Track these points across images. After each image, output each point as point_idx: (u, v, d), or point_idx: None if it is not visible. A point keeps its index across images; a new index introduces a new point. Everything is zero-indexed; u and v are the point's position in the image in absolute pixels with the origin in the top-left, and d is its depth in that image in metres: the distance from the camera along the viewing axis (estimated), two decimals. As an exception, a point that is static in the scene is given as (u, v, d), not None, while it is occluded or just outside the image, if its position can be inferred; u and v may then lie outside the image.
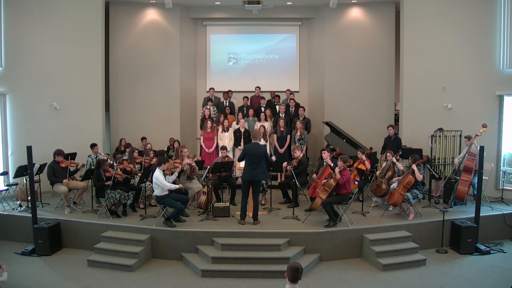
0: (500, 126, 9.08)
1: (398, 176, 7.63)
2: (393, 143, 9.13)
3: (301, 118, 9.73)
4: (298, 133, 9.30)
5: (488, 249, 7.12)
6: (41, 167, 8.29)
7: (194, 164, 8.06)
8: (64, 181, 7.90)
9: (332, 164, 7.46)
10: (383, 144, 9.52)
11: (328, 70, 11.26)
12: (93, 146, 8.77)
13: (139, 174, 7.92)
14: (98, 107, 10.06)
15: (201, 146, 9.74)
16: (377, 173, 8.17)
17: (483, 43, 9.12)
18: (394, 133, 9.42)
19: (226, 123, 9.62)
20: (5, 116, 9.24)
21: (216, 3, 11.12)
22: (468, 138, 8.14)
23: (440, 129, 8.77)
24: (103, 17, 10.14)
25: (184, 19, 11.49)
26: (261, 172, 7.03)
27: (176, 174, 7.45)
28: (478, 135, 8.00)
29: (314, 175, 7.86)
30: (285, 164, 8.01)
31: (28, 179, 7.58)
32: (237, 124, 9.67)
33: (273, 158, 8.45)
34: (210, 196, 7.75)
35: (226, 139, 9.48)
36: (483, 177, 7.60)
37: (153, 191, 7.09)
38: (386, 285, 5.96)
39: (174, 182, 7.30)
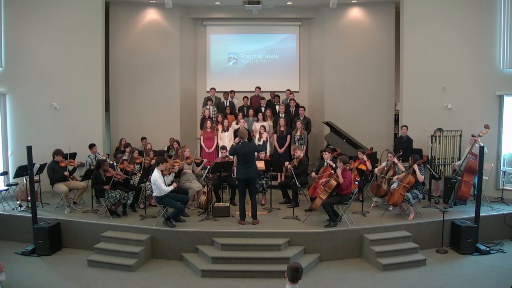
0: (500, 126, 9.07)
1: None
2: (404, 144, 8.95)
3: (301, 118, 9.72)
4: (298, 133, 9.30)
5: (488, 249, 7.11)
6: (41, 167, 8.29)
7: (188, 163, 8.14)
8: (66, 173, 7.93)
9: (334, 165, 7.45)
10: (394, 144, 9.48)
11: (328, 70, 11.26)
12: (91, 146, 8.77)
13: (139, 174, 7.92)
14: (98, 107, 10.06)
15: (201, 146, 9.75)
16: (376, 170, 8.16)
17: (483, 43, 9.11)
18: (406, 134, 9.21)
19: (226, 123, 9.63)
20: (5, 116, 9.24)
21: (216, 3, 11.12)
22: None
23: (440, 129, 8.77)
24: (103, 17, 10.13)
25: (184, 19, 11.49)
26: (255, 170, 7.07)
27: (173, 174, 7.47)
28: (481, 136, 8.02)
29: (314, 174, 7.87)
30: (286, 163, 8.02)
31: (28, 179, 7.58)
32: (237, 124, 9.67)
33: (262, 154, 8.48)
34: (210, 196, 7.75)
35: (226, 139, 9.49)
36: (483, 177, 7.60)
37: (153, 191, 7.09)
38: (386, 285, 5.96)
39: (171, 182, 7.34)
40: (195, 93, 12.05)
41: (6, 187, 8.75)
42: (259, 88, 11.03)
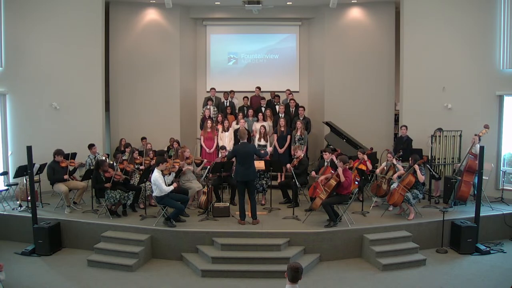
0: (500, 126, 9.07)
1: (399, 176, 7.61)
2: (404, 144, 8.94)
3: (301, 118, 9.73)
4: (299, 133, 9.30)
5: (488, 249, 7.12)
6: (41, 167, 8.29)
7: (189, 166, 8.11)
8: (65, 176, 7.92)
9: (336, 161, 7.41)
10: (394, 144, 9.46)
11: (328, 70, 11.26)
12: (91, 146, 8.77)
13: (142, 167, 7.91)
14: (98, 107, 10.06)
15: (201, 146, 9.75)
16: (377, 171, 8.17)
17: (483, 43, 9.11)
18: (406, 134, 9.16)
19: (226, 123, 9.63)
20: (5, 116, 9.24)
21: (216, 3, 11.12)
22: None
23: (440, 129, 8.77)
24: (103, 17, 10.14)
25: (184, 19, 11.49)
26: (254, 172, 7.07)
27: (173, 174, 7.47)
28: (480, 136, 8.02)
29: (313, 173, 7.86)
30: (288, 165, 8.00)
31: (28, 179, 7.58)
32: (237, 124, 9.67)
33: (263, 152, 8.39)
34: (210, 196, 7.75)
35: (226, 139, 9.49)
36: (483, 177, 7.60)
37: (153, 191, 7.09)
38: (386, 285, 5.96)
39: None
40: (195, 93, 12.06)
41: (6, 187, 8.75)
42: (259, 88, 11.03)
